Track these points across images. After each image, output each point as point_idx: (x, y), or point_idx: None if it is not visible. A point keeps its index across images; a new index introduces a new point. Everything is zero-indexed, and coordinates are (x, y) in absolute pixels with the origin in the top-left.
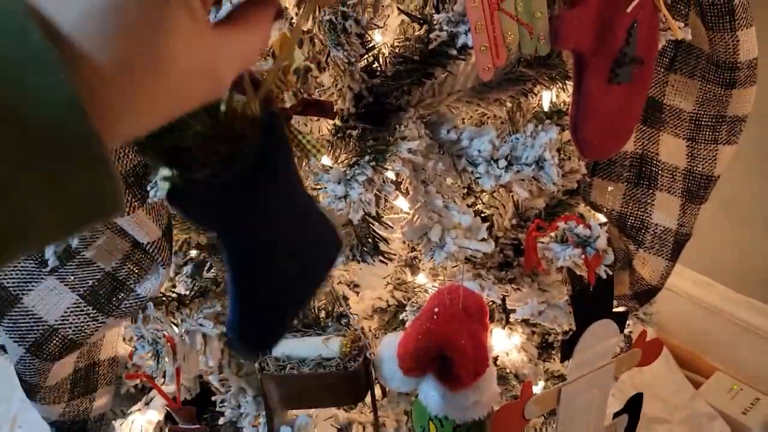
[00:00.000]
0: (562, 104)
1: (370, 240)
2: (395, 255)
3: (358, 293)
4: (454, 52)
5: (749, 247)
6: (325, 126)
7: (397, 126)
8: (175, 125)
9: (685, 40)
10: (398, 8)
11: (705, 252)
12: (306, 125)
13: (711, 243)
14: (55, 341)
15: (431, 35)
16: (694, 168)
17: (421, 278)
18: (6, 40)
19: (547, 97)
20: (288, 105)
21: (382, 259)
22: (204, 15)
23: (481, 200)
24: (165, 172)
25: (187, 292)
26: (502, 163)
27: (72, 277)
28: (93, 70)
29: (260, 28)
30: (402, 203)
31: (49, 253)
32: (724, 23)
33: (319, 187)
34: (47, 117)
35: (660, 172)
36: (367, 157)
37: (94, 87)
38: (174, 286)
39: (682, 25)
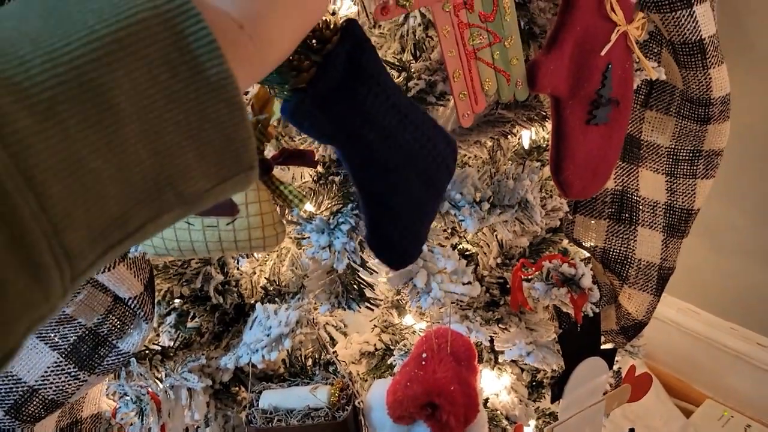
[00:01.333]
0: (541, 140)
1: (355, 287)
2: (381, 301)
3: (346, 334)
4: (433, 100)
5: (733, 274)
6: (308, 172)
7: None
8: None
9: (659, 79)
10: None
11: (690, 279)
12: (287, 169)
13: (695, 270)
14: (35, 402)
15: (409, 83)
16: (674, 202)
17: (409, 319)
18: None
19: (527, 135)
20: (269, 155)
21: (368, 305)
22: None
23: (466, 239)
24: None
25: (171, 343)
26: (485, 205)
27: (52, 335)
28: (253, 17)
29: None
30: None
31: None
32: (696, 62)
33: (302, 237)
34: (191, 58)
35: (641, 207)
36: (350, 206)
37: (252, 34)
38: (158, 336)
39: (656, 64)
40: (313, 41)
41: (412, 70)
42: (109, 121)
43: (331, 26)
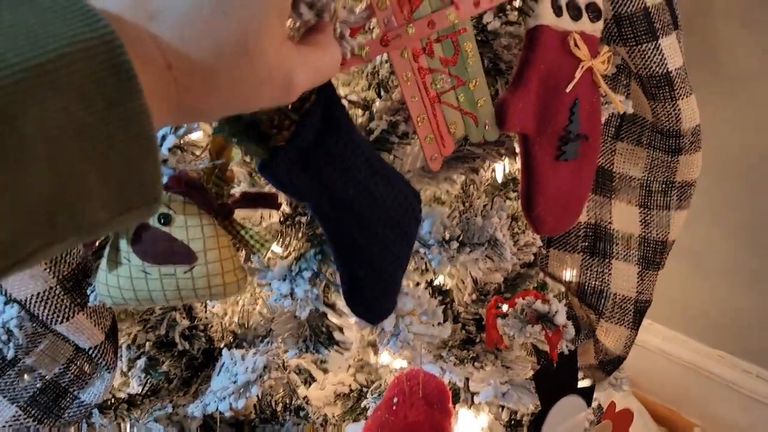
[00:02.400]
0: (516, 172)
1: (324, 329)
2: (351, 343)
3: (326, 371)
4: (396, 140)
5: (718, 300)
6: (276, 213)
7: None
8: None
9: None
10: (342, 97)
11: (675, 307)
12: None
13: (681, 298)
14: None
15: (372, 124)
16: (649, 234)
17: (385, 357)
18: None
19: (500, 168)
20: (230, 200)
21: (338, 348)
22: (288, 30)
23: (442, 274)
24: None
25: (141, 389)
26: (454, 244)
27: (12, 387)
28: (183, 61)
29: (331, 46)
30: None
31: None
32: (664, 94)
33: (264, 284)
34: (108, 91)
35: (615, 240)
36: (312, 251)
37: (178, 75)
38: (127, 379)
39: (623, 97)
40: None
41: (375, 110)
42: (12, 148)
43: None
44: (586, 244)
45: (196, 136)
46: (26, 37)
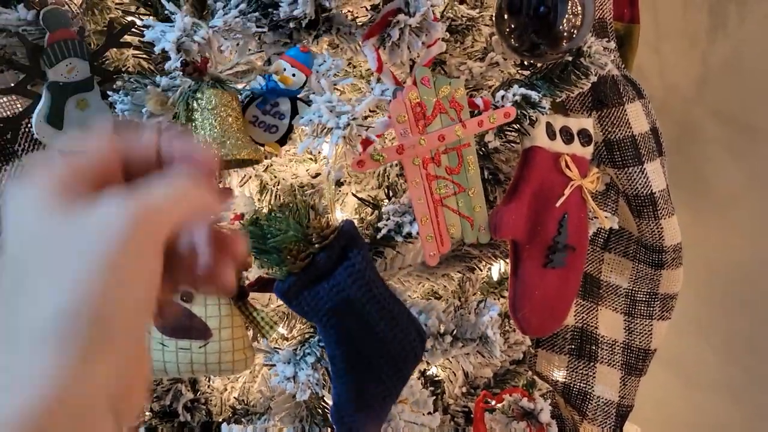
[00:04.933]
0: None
1: (320, 411)
2: None
3: None
4: (400, 239)
5: (703, 410)
6: None
7: None
8: (275, 232)
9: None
10: (353, 194)
11: (661, 414)
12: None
13: (667, 405)
14: None
15: (380, 224)
16: (632, 342)
17: None
18: None
19: (495, 267)
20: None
21: (332, 430)
22: None
23: (434, 365)
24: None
25: None
26: (448, 338)
27: None
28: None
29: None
30: None
31: None
32: (648, 213)
33: (269, 365)
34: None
35: (600, 345)
36: (317, 337)
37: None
38: None
39: (610, 214)
40: (315, 236)
41: (384, 211)
42: None
43: (328, 224)
44: (573, 346)
45: (224, 223)
46: None
